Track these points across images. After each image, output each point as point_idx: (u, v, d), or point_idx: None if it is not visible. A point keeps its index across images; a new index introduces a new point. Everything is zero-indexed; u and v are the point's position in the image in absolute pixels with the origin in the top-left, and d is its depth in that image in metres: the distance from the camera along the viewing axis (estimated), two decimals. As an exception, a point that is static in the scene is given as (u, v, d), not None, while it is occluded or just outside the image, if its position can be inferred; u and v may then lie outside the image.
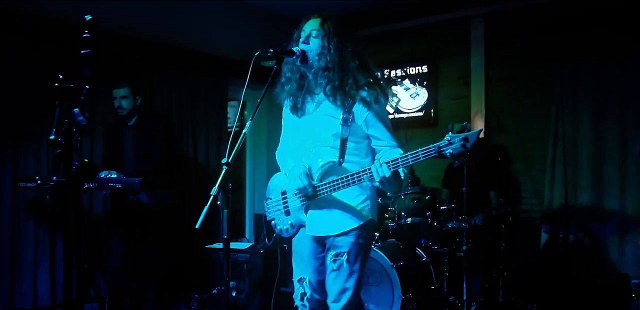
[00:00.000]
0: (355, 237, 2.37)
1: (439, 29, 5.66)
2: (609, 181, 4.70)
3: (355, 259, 2.37)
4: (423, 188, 4.46)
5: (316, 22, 2.41)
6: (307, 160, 2.44)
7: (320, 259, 2.49)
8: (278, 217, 2.57)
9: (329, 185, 2.32)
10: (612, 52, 4.68)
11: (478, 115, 5.40)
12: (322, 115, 2.41)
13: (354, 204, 2.41)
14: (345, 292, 2.37)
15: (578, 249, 4.84)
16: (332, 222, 2.40)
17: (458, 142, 1.96)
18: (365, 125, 2.38)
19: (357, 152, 2.41)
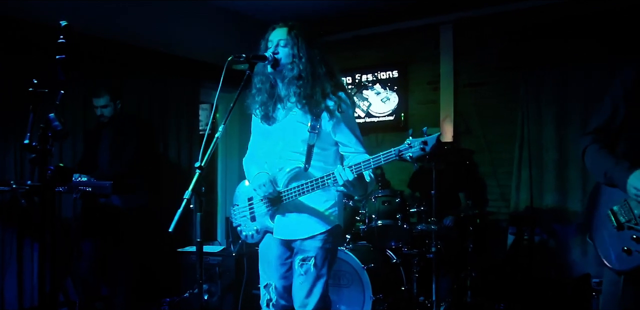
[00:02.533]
0: (322, 241, 2.41)
1: (409, 34, 5.77)
2: (572, 184, 4.85)
3: (322, 264, 2.41)
4: (393, 191, 4.54)
5: (283, 31, 2.44)
6: (275, 166, 2.47)
7: (287, 264, 2.51)
8: (244, 223, 2.60)
9: (294, 190, 2.36)
10: (575, 59, 4.84)
11: (447, 120, 5.51)
12: (292, 122, 2.45)
13: (322, 209, 2.44)
14: (312, 297, 2.40)
15: (543, 249, 4.98)
16: (299, 226, 2.43)
17: (417, 146, 2.00)
18: (333, 132, 2.43)
19: (324, 158, 2.45)
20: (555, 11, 4.92)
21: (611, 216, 2.02)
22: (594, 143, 2.13)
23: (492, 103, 5.32)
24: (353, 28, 5.97)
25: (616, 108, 2.08)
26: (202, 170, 2.01)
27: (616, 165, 1.99)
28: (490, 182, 5.34)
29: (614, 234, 2.00)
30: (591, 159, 2.14)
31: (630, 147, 2.05)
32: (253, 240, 2.58)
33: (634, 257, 1.91)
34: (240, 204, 2.64)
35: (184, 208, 1.91)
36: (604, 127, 2.13)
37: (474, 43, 5.42)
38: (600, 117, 2.14)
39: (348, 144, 2.45)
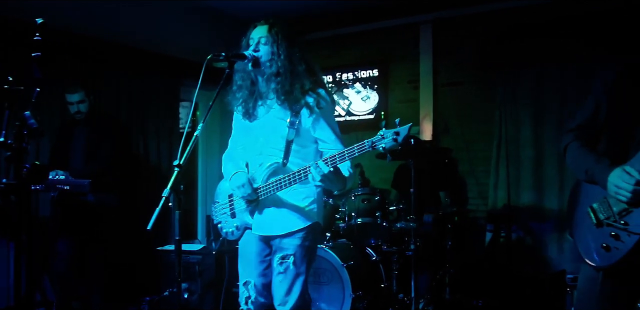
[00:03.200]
0: (301, 239, 2.42)
1: (389, 33, 5.80)
2: (549, 182, 4.92)
3: (301, 262, 2.42)
4: (373, 189, 4.57)
5: (264, 29, 2.46)
6: (254, 162, 2.49)
7: (266, 262, 2.52)
8: (224, 220, 2.61)
9: (272, 185, 2.38)
10: (551, 59, 4.90)
11: (426, 119, 5.56)
12: (273, 118, 2.47)
13: (301, 205, 2.46)
14: (292, 294, 2.41)
15: (520, 246, 5.05)
16: (279, 222, 2.45)
17: (390, 137, 2.01)
18: (313, 129, 2.45)
19: (304, 155, 2.47)
20: (533, 12, 4.98)
21: (591, 213, 2.05)
22: (576, 140, 2.16)
23: (470, 102, 5.38)
24: (334, 27, 5.98)
25: (598, 106, 2.10)
26: (181, 169, 2.02)
27: (597, 163, 2.02)
28: (469, 181, 5.40)
29: (593, 231, 2.03)
30: (572, 156, 2.16)
31: (611, 145, 2.08)
32: (233, 237, 2.58)
33: (612, 253, 1.93)
34: (221, 201, 2.64)
35: (162, 206, 1.91)
36: (587, 124, 2.15)
37: (453, 43, 5.46)
38: (583, 114, 2.17)
39: (327, 140, 2.46)
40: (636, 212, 1.88)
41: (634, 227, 1.87)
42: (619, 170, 1.91)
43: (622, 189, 1.88)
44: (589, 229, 2.04)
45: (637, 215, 1.88)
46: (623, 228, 1.91)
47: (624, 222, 1.91)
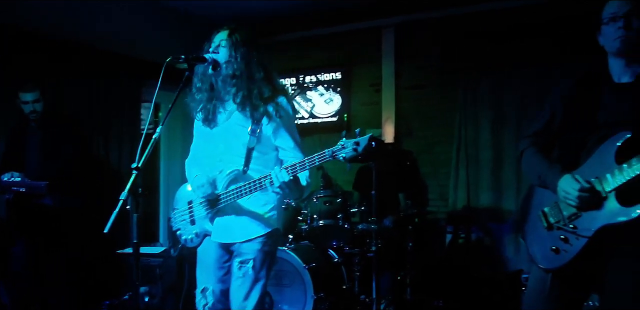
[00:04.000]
0: (261, 244, 2.43)
1: (353, 37, 5.84)
2: (507, 183, 5.03)
3: (260, 266, 2.43)
4: (335, 191, 4.61)
5: (224, 33, 2.47)
6: (215, 169, 2.48)
7: (225, 268, 2.52)
8: (184, 227, 2.60)
9: (232, 193, 2.38)
10: (511, 63, 5.02)
11: (389, 121, 5.62)
12: (233, 125, 2.47)
13: (261, 212, 2.46)
14: (250, 300, 2.41)
15: (479, 247, 5.15)
16: (238, 229, 2.45)
17: (350, 147, 2.06)
18: (273, 137, 2.46)
19: (264, 162, 2.47)
20: (493, 18, 5.09)
21: (542, 217, 2.12)
22: (531, 146, 2.23)
23: (432, 105, 5.45)
24: (298, 29, 6.00)
25: (554, 114, 2.18)
26: (139, 171, 2.00)
27: (549, 169, 2.09)
28: (430, 182, 5.48)
29: (544, 234, 2.10)
30: (527, 161, 2.24)
31: (564, 152, 2.15)
32: (193, 244, 2.57)
33: (561, 256, 2.00)
34: (180, 208, 2.63)
35: (119, 209, 1.90)
36: (542, 131, 2.23)
37: (415, 46, 5.54)
38: (539, 121, 2.24)
39: (287, 148, 2.48)
40: (585, 217, 1.95)
41: (583, 230, 1.95)
42: (568, 176, 1.98)
43: (570, 194, 1.95)
44: (540, 232, 2.11)
45: (585, 220, 1.95)
46: (572, 231, 1.98)
47: (573, 225, 1.98)
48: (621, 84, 2.02)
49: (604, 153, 1.93)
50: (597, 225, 1.90)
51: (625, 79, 2.02)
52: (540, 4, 4.82)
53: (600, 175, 1.91)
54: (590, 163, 1.98)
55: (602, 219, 1.89)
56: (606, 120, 1.99)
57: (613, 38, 1.97)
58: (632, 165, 1.81)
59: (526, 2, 4.89)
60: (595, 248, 1.94)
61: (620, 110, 1.97)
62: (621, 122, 1.93)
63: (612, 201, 1.87)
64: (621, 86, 2.02)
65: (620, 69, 2.03)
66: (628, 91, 1.99)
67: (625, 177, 1.83)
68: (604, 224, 1.88)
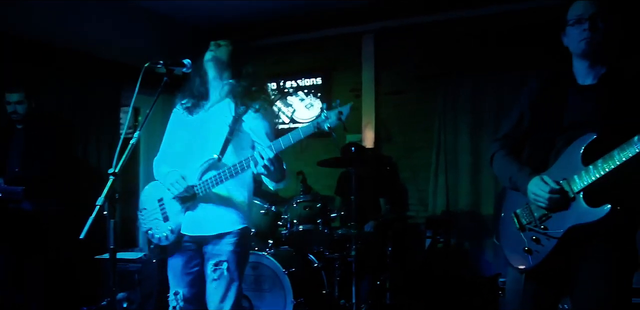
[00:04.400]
0: (233, 245, 2.46)
1: (333, 42, 5.89)
2: (485, 188, 5.10)
3: (235, 267, 2.46)
4: (314, 196, 4.61)
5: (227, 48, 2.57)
6: (191, 160, 2.52)
7: (193, 273, 2.55)
8: (156, 225, 2.59)
9: (210, 180, 2.41)
10: (488, 70, 5.10)
11: (369, 127, 5.66)
12: (215, 114, 2.54)
13: (234, 208, 2.50)
14: (227, 301, 2.44)
15: (458, 251, 5.21)
16: (209, 223, 2.48)
17: (334, 116, 2.11)
18: (253, 133, 2.53)
19: (240, 158, 2.47)
20: (470, 24, 5.17)
21: (514, 218, 2.16)
22: (502, 149, 2.26)
23: (411, 111, 5.51)
24: (278, 34, 6.02)
25: (522, 116, 2.21)
26: (116, 177, 2.00)
27: (519, 172, 2.12)
28: (410, 187, 5.52)
29: (516, 235, 2.13)
30: (498, 164, 2.27)
31: (533, 154, 2.18)
32: (167, 242, 2.55)
33: (533, 256, 2.04)
34: (149, 207, 2.63)
35: (96, 215, 1.89)
36: (511, 134, 2.26)
37: (394, 52, 5.60)
38: (508, 124, 2.28)
39: (264, 144, 2.48)
40: (555, 217, 1.99)
41: (553, 231, 1.99)
42: (537, 178, 2.02)
43: (540, 196, 1.99)
44: (513, 233, 2.15)
45: (555, 220, 1.99)
46: (543, 232, 2.02)
47: (543, 226, 2.02)
48: (585, 86, 2.06)
49: (571, 155, 1.96)
50: (566, 225, 1.94)
51: (589, 81, 2.06)
52: (517, 10, 4.91)
53: (568, 176, 1.94)
54: (558, 165, 2.02)
55: (571, 219, 1.93)
56: (572, 122, 2.02)
57: (578, 40, 2.00)
58: (598, 167, 1.85)
59: (503, 9, 4.97)
60: (566, 248, 1.98)
61: (585, 112, 2.00)
62: (586, 123, 1.97)
63: (580, 202, 1.91)
64: (585, 88, 2.05)
65: (584, 70, 2.07)
66: (592, 93, 2.02)
67: (591, 178, 1.87)
68: (573, 224, 1.92)
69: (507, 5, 4.94)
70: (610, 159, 1.82)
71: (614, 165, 1.82)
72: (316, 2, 5.32)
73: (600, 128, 1.92)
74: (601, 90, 2.01)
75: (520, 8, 4.89)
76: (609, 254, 1.96)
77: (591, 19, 1.97)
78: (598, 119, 1.96)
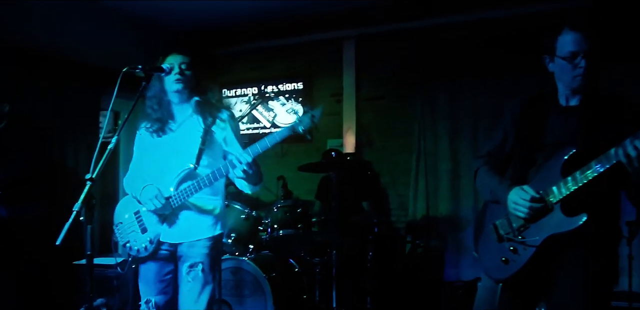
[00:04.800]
0: (207, 248, 2.53)
1: (314, 48, 5.90)
2: (465, 193, 5.14)
3: (209, 270, 2.51)
4: (295, 201, 4.63)
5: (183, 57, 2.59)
6: (166, 175, 2.53)
7: (166, 281, 2.60)
8: (133, 238, 2.62)
9: (185, 191, 2.46)
10: (466, 76, 5.15)
11: (349, 132, 5.68)
12: (184, 132, 2.59)
13: (210, 215, 2.57)
14: (200, 303, 2.47)
15: (438, 256, 5.24)
16: (187, 230, 2.54)
17: (307, 119, 2.22)
18: (224, 143, 2.60)
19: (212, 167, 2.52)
20: (449, 31, 5.22)
21: (493, 230, 2.20)
22: (484, 165, 2.33)
23: (391, 116, 5.54)
24: (259, 39, 6.03)
25: (506, 137, 2.28)
26: (93, 182, 2.00)
27: (500, 184, 2.17)
28: (390, 192, 5.54)
29: (495, 246, 2.17)
30: (480, 179, 2.32)
31: (516, 169, 2.24)
32: (146, 253, 2.58)
33: (510, 266, 2.08)
34: (125, 221, 2.68)
35: (73, 220, 1.89)
36: (495, 152, 2.33)
37: (375, 58, 5.63)
38: (492, 143, 2.34)
39: (237, 151, 2.54)
40: (532, 228, 2.03)
41: (530, 241, 2.03)
42: (518, 188, 2.07)
43: (520, 205, 2.03)
44: (492, 244, 2.19)
45: (533, 230, 2.03)
46: (521, 242, 2.06)
47: (521, 236, 2.06)
48: (568, 107, 2.12)
49: (551, 168, 2.01)
50: (544, 235, 1.98)
51: (572, 103, 2.12)
52: (494, 18, 4.98)
53: (547, 188, 1.99)
54: (538, 178, 2.07)
55: (549, 229, 1.97)
56: (553, 141, 2.08)
57: (572, 75, 2.04)
58: (576, 178, 1.91)
59: (481, 17, 5.04)
60: (543, 257, 2.02)
61: (568, 132, 2.06)
62: (567, 143, 2.02)
63: (557, 212, 1.96)
64: (568, 109, 2.11)
65: (568, 93, 2.12)
66: (575, 113, 2.08)
67: (569, 189, 1.92)
68: (551, 234, 1.96)
69: (485, 13, 5.01)
70: (588, 170, 1.88)
71: (591, 176, 1.87)
72: (297, 7, 5.34)
73: (580, 143, 1.97)
74: (584, 111, 2.06)
75: (498, 16, 4.96)
76: (587, 262, 2.00)
77: (586, 56, 2.00)
78: (578, 139, 2.01)
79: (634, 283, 4.06)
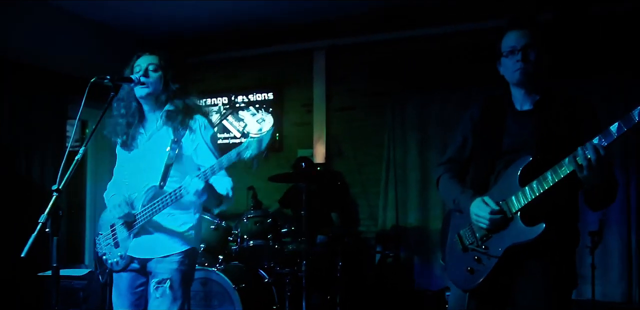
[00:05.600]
0: (177, 264, 2.45)
1: (284, 58, 5.92)
2: (433, 203, 5.19)
3: (178, 286, 2.44)
4: (265, 211, 4.62)
5: (153, 57, 2.51)
6: (136, 190, 2.49)
7: (138, 293, 2.54)
8: (109, 250, 2.58)
9: (149, 209, 2.40)
10: (435, 87, 5.24)
11: (320, 142, 5.71)
12: (154, 145, 2.52)
13: (180, 231, 2.49)
14: None
15: (408, 265, 5.27)
16: (155, 246, 2.47)
17: (254, 145, 2.10)
18: (195, 155, 2.50)
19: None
20: (418, 42, 5.32)
21: (458, 239, 2.22)
22: (446, 172, 2.35)
23: (362, 126, 5.59)
24: (230, 49, 6.03)
25: (465, 140, 2.31)
26: (59, 193, 1.96)
27: (462, 194, 2.20)
28: (360, 202, 5.57)
29: (460, 256, 2.20)
30: (443, 187, 2.35)
31: (476, 176, 2.27)
32: (119, 267, 2.54)
33: (475, 275, 2.11)
34: (104, 232, 2.62)
35: (38, 232, 1.85)
36: (455, 158, 2.36)
37: (345, 69, 5.68)
38: (453, 148, 2.38)
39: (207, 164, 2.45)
40: (495, 238, 2.07)
41: (493, 251, 2.06)
42: (479, 200, 2.10)
43: (481, 217, 2.07)
44: (457, 254, 2.22)
45: (495, 240, 2.07)
46: (484, 252, 2.09)
47: (484, 246, 2.10)
48: (522, 112, 2.17)
49: (510, 177, 2.06)
50: (505, 245, 2.02)
51: (526, 107, 2.17)
52: (461, 31, 5.08)
53: (507, 197, 2.03)
54: (498, 186, 2.11)
55: (510, 238, 2.01)
56: (511, 146, 2.13)
57: (512, 70, 2.10)
58: (533, 187, 1.96)
59: (449, 30, 5.14)
60: (506, 266, 2.05)
61: (523, 136, 2.11)
62: (524, 148, 2.08)
63: (517, 222, 2.00)
64: (522, 113, 2.16)
65: (521, 97, 2.17)
66: (528, 118, 2.13)
67: (527, 198, 1.97)
68: (512, 243, 2.00)
69: (453, 26, 5.11)
70: (544, 180, 1.93)
71: (547, 186, 1.92)
72: (269, 18, 5.38)
73: (536, 152, 2.02)
74: (537, 115, 2.11)
75: (466, 29, 5.06)
76: (546, 269, 2.04)
77: (523, 49, 2.07)
78: (534, 143, 2.06)
79: (597, 291, 4.16)
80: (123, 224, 2.51)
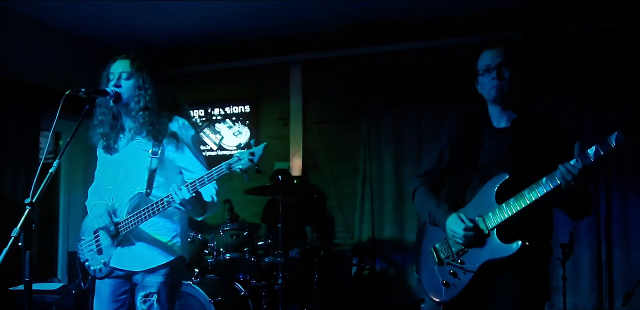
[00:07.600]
0: (164, 277, 2.39)
1: (261, 71, 5.95)
2: (409, 216, 5.24)
3: (165, 299, 2.39)
4: (242, 224, 4.62)
5: (125, 63, 2.44)
6: (118, 197, 2.45)
7: (120, 301, 2.47)
8: (91, 257, 2.51)
9: (133, 218, 2.34)
10: (411, 101, 5.32)
11: (296, 155, 5.73)
12: (134, 149, 2.45)
13: (164, 240, 2.43)
14: None
15: (384, 277, 5.30)
16: (140, 257, 2.40)
17: (246, 158, 2.07)
18: (177, 158, 2.45)
19: (168, 186, 2.38)
20: (395, 57, 5.40)
21: (433, 252, 2.24)
22: (422, 185, 2.37)
23: (338, 140, 5.64)
24: (207, 61, 6.05)
25: (442, 154, 2.33)
26: (32, 207, 1.94)
27: (437, 208, 2.23)
28: (336, 215, 5.60)
29: (435, 269, 2.21)
30: (419, 200, 2.37)
31: (452, 190, 2.30)
32: (102, 274, 2.47)
33: (451, 289, 2.13)
34: (87, 238, 2.54)
35: (10, 246, 1.83)
36: (432, 171, 2.38)
37: (321, 82, 5.74)
38: (429, 162, 2.40)
39: (192, 170, 2.44)
40: (471, 252, 2.10)
41: (469, 265, 2.09)
42: (454, 216, 2.13)
43: (457, 233, 2.09)
44: (432, 267, 2.24)
45: (471, 255, 2.10)
46: (460, 266, 2.12)
47: (460, 261, 2.12)
48: (499, 129, 2.21)
49: (486, 193, 2.09)
50: (481, 260, 2.05)
51: (502, 124, 2.21)
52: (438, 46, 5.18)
53: (483, 213, 2.07)
54: (474, 202, 2.14)
55: (486, 254, 2.04)
56: (487, 162, 2.16)
57: (489, 87, 2.15)
58: (510, 205, 1.99)
59: (425, 45, 5.23)
60: (481, 281, 2.08)
61: (499, 154, 2.15)
62: (500, 165, 2.11)
63: (493, 238, 2.03)
64: (499, 131, 2.20)
65: (497, 114, 2.22)
66: (505, 135, 2.17)
67: (504, 216, 2.00)
68: (487, 259, 2.03)
69: (427, 41, 5.21)
70: (521, 198, 1.97)
71: (524, 204, 1.96)
72: (245, 31, 5.41)
73: (512, 169, 2.06)
74: (513, 133, 2.16)
75: (439, 45, 5.16)
76: (520, 284, 2.07)
77: (497, 68, 2.12)
78: (511, 161, 2.10)
79: (568, 302, 4.23)
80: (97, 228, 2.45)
